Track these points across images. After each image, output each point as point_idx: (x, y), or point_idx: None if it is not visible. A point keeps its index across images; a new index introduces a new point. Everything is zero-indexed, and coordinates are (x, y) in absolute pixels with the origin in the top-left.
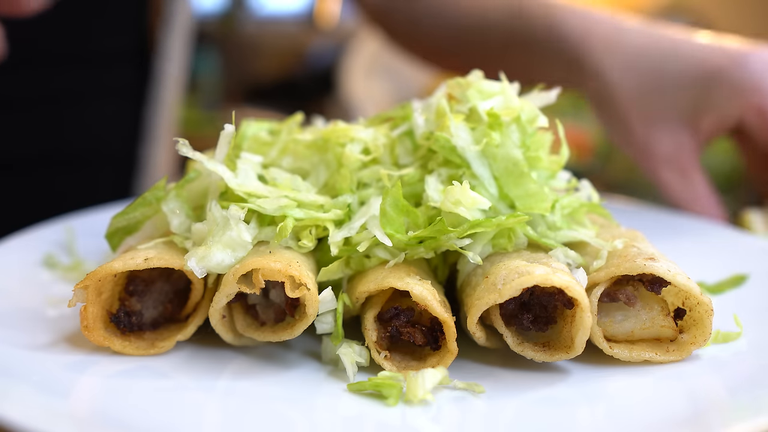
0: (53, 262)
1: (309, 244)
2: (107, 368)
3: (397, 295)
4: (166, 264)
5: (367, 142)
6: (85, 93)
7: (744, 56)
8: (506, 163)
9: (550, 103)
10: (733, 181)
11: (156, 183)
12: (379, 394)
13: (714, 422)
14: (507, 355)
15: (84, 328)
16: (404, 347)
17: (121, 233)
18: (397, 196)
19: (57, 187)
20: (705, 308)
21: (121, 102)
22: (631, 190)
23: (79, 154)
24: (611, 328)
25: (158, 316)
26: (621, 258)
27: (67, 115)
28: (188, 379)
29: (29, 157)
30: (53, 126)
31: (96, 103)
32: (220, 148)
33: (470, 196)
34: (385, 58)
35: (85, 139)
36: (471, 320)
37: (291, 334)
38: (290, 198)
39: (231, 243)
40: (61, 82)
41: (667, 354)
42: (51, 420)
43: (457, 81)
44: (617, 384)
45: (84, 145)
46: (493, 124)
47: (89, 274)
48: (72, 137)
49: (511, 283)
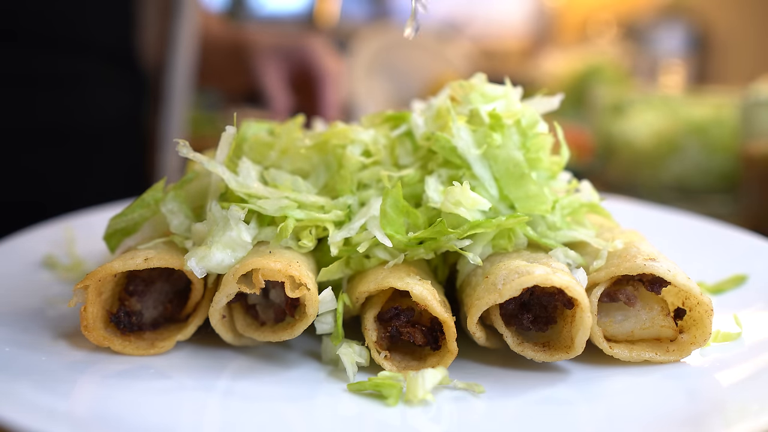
0: (53, 262)
1: (309, 244)
2: (107, 368)
3: (397, 295)
4: (166, 264)
5: (368, 143)
6: (89, 77)
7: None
8: (507, 165)
9: (553, 109)
10: (733, 181)
11: (154, 184)
12: (379, 394)
13: (714, 422)
14: (507, 355)
15: (84, 328)
16: (404, 347)
17: (119, 235)
18: (397, 197)
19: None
20: (705, 308)
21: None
22: (631, 190)
23: (83, 131)
24: (611, 328)
25: (158, 316)
26: (621, 258)
27: (73, 96)
28: (188, 379)
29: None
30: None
31: (99, 89)
32: (221, 149)
33: (470, 196)
34: (385, 58)
35: (91, 118)
36: (471, 320)
37: (291, 334)
38: (291, 199)
39: (231, 243)
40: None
41: (667, 354)
42: (51, 420)
43: (460, 83)
44: (617, 384)
45: (90, 123)
46: (494, 126)
47: (89, 274)
48: (81, 117)
49: (511, 283)
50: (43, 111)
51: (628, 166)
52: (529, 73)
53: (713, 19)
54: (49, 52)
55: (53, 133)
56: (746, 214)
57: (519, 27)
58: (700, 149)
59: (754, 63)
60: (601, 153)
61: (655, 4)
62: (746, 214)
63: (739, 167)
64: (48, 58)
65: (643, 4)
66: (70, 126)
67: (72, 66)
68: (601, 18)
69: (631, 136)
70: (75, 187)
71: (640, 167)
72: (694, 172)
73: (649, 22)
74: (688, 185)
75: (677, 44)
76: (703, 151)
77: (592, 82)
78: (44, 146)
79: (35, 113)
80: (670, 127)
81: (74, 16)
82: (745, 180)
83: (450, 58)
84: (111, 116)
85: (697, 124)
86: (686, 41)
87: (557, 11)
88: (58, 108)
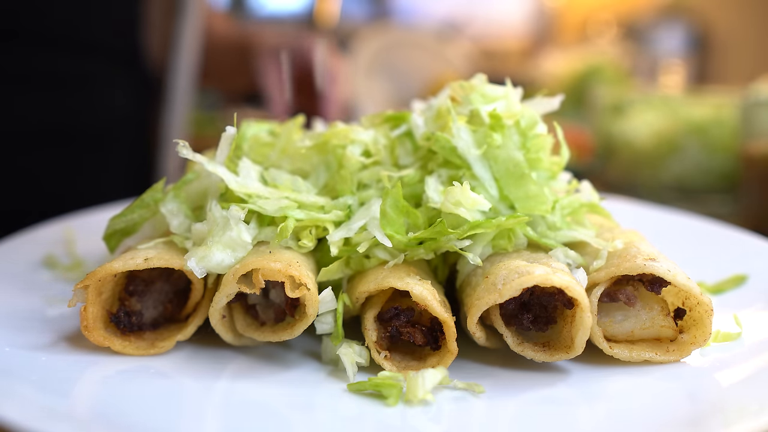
0: (53, 262)
1: (309, 244)
2: (107, 368)
3: (397, 295)
4: (166, 264)
5: (368, 143)
6: (97, 77)
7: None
8: (507, 165)
9: (554, 110)
10: (733, 181)
11: (154, 185)
12: (379, 394)
13: (714, 422)
14: (507, 355)
15: (84, 328)
16: (404, 347)
17: (118, 235)
18: (398, 197)
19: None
20: (705, 308)
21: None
22: (631, 190)
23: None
24: (611, 328)
25: (158, 316)
26: (621, 258)
27: (78, 96)
28: (188, 379)
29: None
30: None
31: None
32: (221, 149)
33: (470, 197)
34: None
35: (97, 118)
36: (471, 320)
37: (291, 334)
38: (291, 199)
39: (231, 243)
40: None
41: (667, 354)
42: (51, 420)
43: (460, 84)
44: (617, 384)
45: (95, 123)
46: (494, 126)
47: (89, 274)
48: (87, 116)
49: (511, 283)
50: (50, 111)
51: (628, 166)
52: (529, 73)
53: (713, 19)
54: (56, 52)
55: (60, 133)
56: (746, 214)
57: (519, 27)
58: (700, 149)
59: (754, 63)
60: (601, 153)
61: (655, 4)
62: (746, 214)
63: (739, 167)
64: (54, 59)
65: (643, 4)
66: (76, 126)
67: (79, 66)
68: (601, 18)
69: (631, 136)
70: (81, 188)
71: (640, 167)
72: (694, 172)
73: (649, 22)
74: (688, 185)
75: (677, 44)
76: (703, 151)
77: (592, 82)
78: (51, 146)
79: (42, 113)
80: (670, 127)
81: (81, 17)
82: (745, 180)
83: (450, 58)
84: (117, 116)
85: (697, 124)
86: (686, 41)
87: (557, 11)
88: (65, 108)
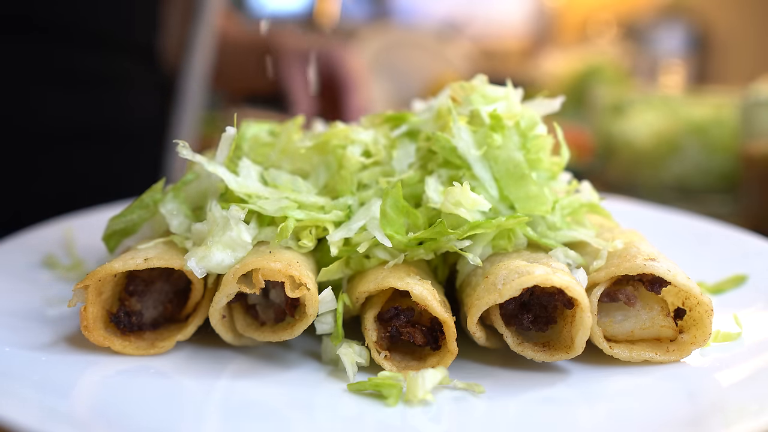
0: (53, 262)
1: (309, 244)
2: (107, 368)
3: (397, 295)
4: (166, 264)
5: (368, 143)
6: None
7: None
8: (507, 165)
9: (554, 111)
10: (733, 181)
11: (153, 185)
12: (379, 394)
13: (714, 422)
14: (507, 355)
15: (84, 328)
16: (404, 347)
17: (118, 235)
18: (397, 197)
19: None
20: (705, 308)
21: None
22: (631, 190)
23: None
24: (611, 328)
25: (158, 316)
26: (621, 258)
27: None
28: (188, 379)
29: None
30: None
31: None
32: (221, 150)
33: (470, 197)
34: (385, 58)
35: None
36: (471, 320)
37: (291, 334)
38: (291, 199)
39: (231, 243)
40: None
41: (667, 354)
42: (51, 420)
43: (461, 84)
44: (617, 384)
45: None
46: (495, 126)
47: (89, 274)
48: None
49: (511, 283)
50: (76, 111)
51: (628, 166)
52: (529, 73)
53: (713, 19)
54: (81, 50)
55: (85, 132)
56: (746, 214)
57: (519, 27)
58: (700, 149)
59: (754, 63)
60: (601, 153)
61: (655, 4)
62: (746, 214)
63: (739, 167)
64: (78, 57)
65: (643, 4)
66: (102, 125)
67: (107, 66)
68: (601, 18)
69: (631, 136)
70: (104, 187)
71: (640, 167)
72: (694, 172)
73: (649, 22)
74: (688, 185)
75: (677, 44)
76: (703, 151)
77: (592, 82)
78: (74, 145)
79: (62, 111)
80: (670, 127)
81: (105, 15)
82: (745, 180)
83: (450, 58)
84: (140, 116)
85: (697, 124)
86: (686, 41)
87: (557, 11)
88: (91, 108)
